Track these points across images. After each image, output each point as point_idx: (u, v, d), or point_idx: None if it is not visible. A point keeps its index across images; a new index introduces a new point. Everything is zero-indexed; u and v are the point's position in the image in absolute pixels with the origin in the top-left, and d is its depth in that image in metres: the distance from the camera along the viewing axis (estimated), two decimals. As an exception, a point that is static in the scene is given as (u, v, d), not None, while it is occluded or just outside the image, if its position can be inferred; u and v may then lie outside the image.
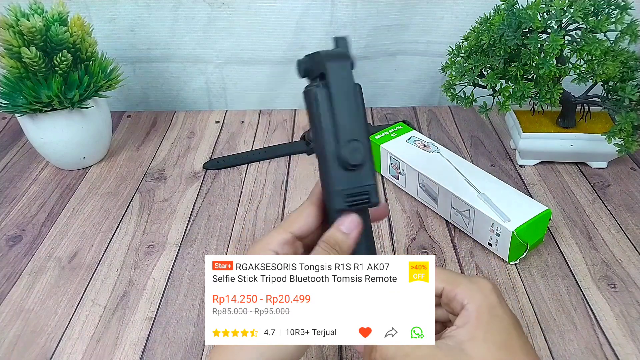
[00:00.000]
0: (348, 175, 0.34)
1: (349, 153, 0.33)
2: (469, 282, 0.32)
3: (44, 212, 0.62)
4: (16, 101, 0.61)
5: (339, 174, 0.34)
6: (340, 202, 0.34)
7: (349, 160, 0.33)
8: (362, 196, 0.34)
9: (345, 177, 0.34)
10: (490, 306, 0.31)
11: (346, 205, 0.34)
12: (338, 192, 0.34)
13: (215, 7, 0.74)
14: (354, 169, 0.34)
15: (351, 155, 0.33)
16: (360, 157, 0.33)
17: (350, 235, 0.34)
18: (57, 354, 0.45)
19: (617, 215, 0.60)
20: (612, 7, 0.56)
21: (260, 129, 0.78)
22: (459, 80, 0.62)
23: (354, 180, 0.34)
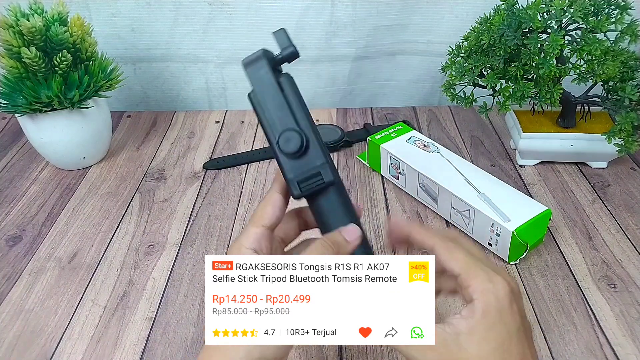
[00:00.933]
0: (296, 162, 0.35)
1: (284, 143, 0.35)
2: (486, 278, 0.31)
3: (44, 212, 0.62)
4: (16, 101, 0.61)
5: (288, 164, 0.35)
6: (295, 189, 0.35)
7: (285, 149, 0.35)
8: (315, 178, 0.35)
9: (294, 165, 0.35)
10: (499, 309, 0.30)
11: (302, 192, 0.35)
12: (291, 180, 0.35)
13: (215, 7, 0.74)
14: (297, 155, 0.35)
15: (286, 145, 0.35)
16: (294, 145, 0.34)
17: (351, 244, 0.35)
18: (57, 354, 0.45)
19: (617, 215, 0.60)
20: (612, 7, 0.56)
21: (260, 129, 0.78)
22: (459, 80, 0.62)
23: (303, 166, 0.35)
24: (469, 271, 0.32)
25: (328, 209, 0.36)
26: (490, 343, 0.30)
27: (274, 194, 0.36)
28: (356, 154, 0.72)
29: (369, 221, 0.59)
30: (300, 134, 0.35)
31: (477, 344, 0.30)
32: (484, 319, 0.30)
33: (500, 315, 0.30)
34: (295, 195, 0.35)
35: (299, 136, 0.34)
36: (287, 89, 0.36)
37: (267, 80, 0.36)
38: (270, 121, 0.35)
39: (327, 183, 0.35)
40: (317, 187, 0.35)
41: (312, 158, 0.35)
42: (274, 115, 0.35)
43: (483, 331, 0.30)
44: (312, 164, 0.35)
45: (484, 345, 0.30)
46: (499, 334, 0.30)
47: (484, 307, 0.30)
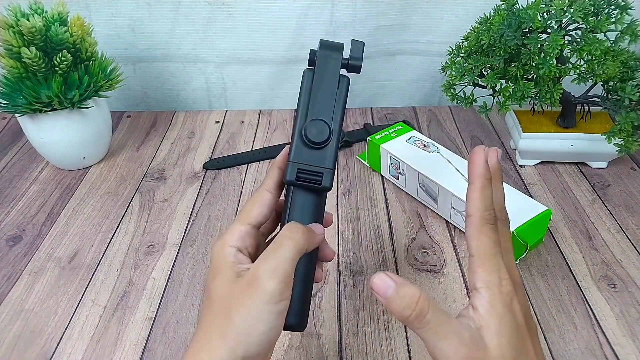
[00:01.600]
0: (308, 152, 0.35)
1: (310, 129, 0.35)
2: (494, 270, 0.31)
3: (44, 212, 0.62)
4: (16, 101, 0.61)
5: (300, 148, 0.35)
6: (292, 173, 0.35)
7: (309, 135, 0.35)
8: (315, 176, 0.35)
9: (305, 153, 0.35)
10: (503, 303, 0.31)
11: (295, 179, 0.35)
12: (293, 164, 0.35)
13: (215, 6, 0.74)
14: (315, 147, 0.35)
15: (311, 132, 0.35)
16: (319, 136, 0.35)
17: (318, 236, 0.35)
18: (57, 354, 0.45)
19: (617, 215, 0.60)
20: (612, 7, 0.56)
21: (260, 129, 0.78)
22: (459, 80, 0.62)
23: (312, 159, 0.35)
24: (483, 258, 0.32)
25: (304, 205, 0.36)
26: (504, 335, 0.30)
27: (263, 192, 0.36)
28: (356, 154, 0.72)
29: (368, 221, 0.59)
30: (330, 130, 0.35)
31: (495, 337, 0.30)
32: (493, 309, 0.30)
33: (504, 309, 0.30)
34: (287, 180, 0.35)
35: (327, 131, 0.35)
36: (342, 88, 0.36)
37: (333, 69, 0.36)
38: (311, 103, 0.36)
39: (321, 187, 0.35)
40: (311, 184, 0.35)
41: (323, 157, 0.35)
42: (318, 101, 0.36)
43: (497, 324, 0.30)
44: (320, 163, 0.35)
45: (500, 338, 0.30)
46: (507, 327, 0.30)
47: (489, 298, 0.30)
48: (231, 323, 0.31)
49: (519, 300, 0.31)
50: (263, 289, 0.30)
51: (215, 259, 0.34)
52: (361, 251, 0.55)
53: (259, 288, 0.31)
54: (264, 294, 0.30)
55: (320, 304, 0.49)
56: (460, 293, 0.50)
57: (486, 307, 0.30)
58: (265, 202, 0.36)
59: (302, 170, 0.35)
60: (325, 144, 0.35)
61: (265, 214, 0.36)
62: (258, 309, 0.30)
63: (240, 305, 0.31)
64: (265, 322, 0.30)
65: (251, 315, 0.30)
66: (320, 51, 0.37)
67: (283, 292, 0.31)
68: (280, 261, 0.31)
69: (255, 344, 0.30)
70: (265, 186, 0.36)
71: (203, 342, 0.31)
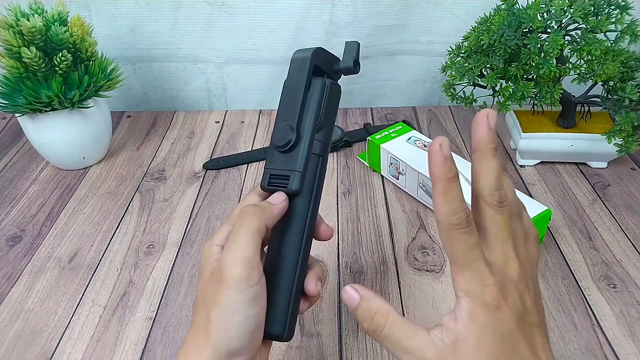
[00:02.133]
0: (280, 157, 0.35)
1: (275, 133, 0.35)
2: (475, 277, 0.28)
3: (44, 212, 0.62)
4: (16, 101, 0.61)
5: (272, 155, 0.35)
6: (264, 180, 0.35)
7: (274, 140, 0.35)
8: (283, 180, 0.35)
9: (277, 158, 0.35)
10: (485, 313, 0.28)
11: (267, 185, 0.35)
12: (266, 170, 0.36)
13: (215, 6, 0.74)
14: (282, 150, 0.35)
15: (276, 135, 0.35)
16: (280, 139, 0.34)
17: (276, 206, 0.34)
18: (57, 354, 0.45)
19: (617, 215, 0.60)
20: (612, 7, 0.56)
21: (260, 129, 0.78)
22: (459, 80, 0.62)
23: (282, 163, 0.35)
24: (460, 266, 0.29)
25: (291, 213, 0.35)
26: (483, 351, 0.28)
27: (253, 195, 0.36)
28: (356, 154, 0.72)
29: (368, 221, 0.59)
30: (293, 133, 0.34)
31: (472, 353, 0.27)
32: (472, 323, 0.28)
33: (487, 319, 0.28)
34: (262, 185, 0.36)
35: (290, 134, 0.34)
36: (315, 92, 0.36)
37: (299, 75, 0.36)
38: (279, 110, 0.36)
39: (291, 190, 0.35)
40: (280, 188, 0.35)
41: (294, 161, 0.35)
42: (284, 107, 0.36)
43: (475, 339, 0.28)
44: (290, 166, 0.35)
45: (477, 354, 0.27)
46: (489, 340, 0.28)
47: (469, 310, 0.28)
48: (209, 320, 0.31)
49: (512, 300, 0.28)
50: (228, 279, 0.31)
51: (202, 258, 0.34)
52: (361, 251, 0.55)
53: (225, 279, 0.31)
54: (230, 283, 0.30)
55: (320, 304, 0.49)
56: (460, 293, 0.50)
57: (465, 320, 0.28)
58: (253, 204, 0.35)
59: (273, 175, 0.35)
60: (291, 146, 0.35)
61: None
62: (228, 300, 0.30)
63: (213, 300, 0.31)
64: (238, 313, 0.30)
65: (224, 308, 0.30)
66: (291, 60, 0.37)
67: (250, 278, 0.31)
68: (239, 248, 0.31)
69: (234, 337, 0.30)
70: (255, 190, 0.37)
71: (192, 343, 0.32)
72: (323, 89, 0.36)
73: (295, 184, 0.34)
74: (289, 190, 0.34)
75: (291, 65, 0.37)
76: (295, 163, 0.35)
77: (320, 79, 0.36)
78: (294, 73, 0.36)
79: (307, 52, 0.37)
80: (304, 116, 0.35)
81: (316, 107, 0.35)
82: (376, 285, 0.51)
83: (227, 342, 0.30)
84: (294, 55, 0.37)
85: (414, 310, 0.49)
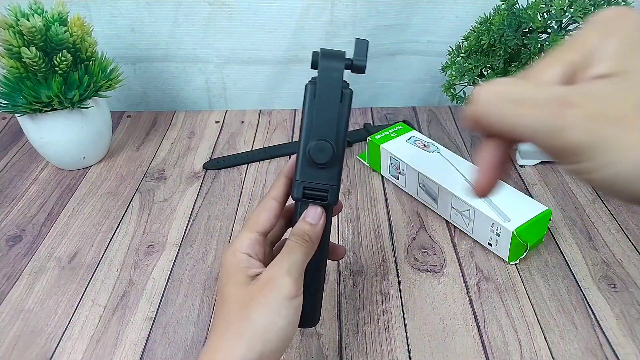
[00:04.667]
0: (312, 170, 0.36)
1: (314, 151, 0.35)
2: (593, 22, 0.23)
3: (44, 212, 0.62)
4: (16, 101, 0.61)
5: (305, 168, 0.36)
6: (299, 191, 0.36)
7: (313, 156, 0.35)
8: (321, 193, 0.36)
9: (310, 172, 0.36)
10: None
11: (302, 197, 0.36)
12: (299, 183, 0.36)
13: (215, 6, 0.74)
14: (320, 166, 0.35)
15: (315, 153, 0.35)
16: (323, 157, 0.35)
17: (317, 225, 0.36)
18: (57, 354, 0.45)
19: (617, 215, 0.60)
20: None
21: (260, 129, 0.78)
22: (459, 80, 0.62)
23: (317, 177, 0.36)
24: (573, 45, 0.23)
25: None
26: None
27: (270, 201, 0.37)
28: (356, 154, 0.72)
29: (368, 221, 0.59)
30: (334, 151, 0.35)
31: None
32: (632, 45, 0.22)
33: None
34: (295, 197, 0.36)
35: (331, 152, 0.35)
36: (345, 103, 0.36)
37: (335, 84, 0.36)
38: (315, 122, 0.35)
39: (327, 203, 0.36)
40: (318, 201, 0.36)
41: (328, 175, 0.36)
42: (321, 119, 0.35)
43: None
44: (325, 180, 0.36)
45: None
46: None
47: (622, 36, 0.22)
48: (249, 321, 0.32)
49: None
50: (280, 286, 0.32)
51: (227, 265, 0.35)
52: (361, 251, 0.55)
53: (276, 285, 0.32)
54: (282, 290, 0.32)
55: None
56: (460, 293, 0.50)
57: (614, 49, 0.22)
58: (272, 211, 0.37)
59: (309, 188, 0.36)
60: (330, 164, 0.36)
61: (272, 222, 0.37)
62: (277, 304, 0.32)
63: (258, 303, 0.32)
64: (283, 317, 0.32)
65: (271, 311, 0.32)
66: (322, 62, 0.36)
67: (298, 289, 0.33)
68: (293, 262, 0.34)
69: (273, 340, 0.32)
70: (271, 194, 0.37)
71: (219, 343, 0.32)
72: (350, 100, 0.36)
73: (333, 198, 0.36)
74: (327, 203, 0.36)
75: (323, 69, 0.36)
76: (332, 178, 0.36)
77: (347, 90, 0.36)
78: (328, 84, 0.36)
79: (340, 61, 0.36)
80: (339, 131, 0.36)
81: (346, 122, 0.36)
82: (376, 285, 0.51)
83: (264, 344, 0.31)
84: (326, 57, 0.36)
85: (414, 311, 0.49)
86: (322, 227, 0.36)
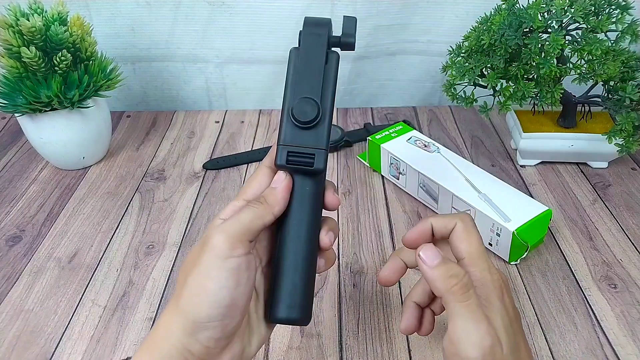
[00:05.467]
0: (299, 133, 0.33)
1: (298, 109, 0.33)
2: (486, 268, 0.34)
3: (44, 212, 0.62)
4: (16, 101, 0.61)
5: (290, 130, 0.33)
6: (282, 157, 0.33)
7: (296, 114, 0.33)
8: (305, 158, 0.33)
9: (295, 134, 0.33)
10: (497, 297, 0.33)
11: (286, 163, 0.33)
12: (282, 147, 0.33)
13: (215, 6, 0.74)
14: (304, 126, 0.33)
15: (298, 111, 0.33)
16: (307, 114, 0.33)
17: (277, 188, 0.33)
18: (57, 354, 0.45)
19: (617, 216, 0.60)
20: (612, 7, 0.56)
21: (260, 129, 0.78)
22: (459, 80, 0.62)
23: (303, 140, 0.33)
24: (475, 258, 0.34)
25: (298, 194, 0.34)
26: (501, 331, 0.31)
27: (262, 168, 0.36)
28: (356, 153, 0.72)
29: (369, 221, 0.59)
30: (318, 108, 0.33)
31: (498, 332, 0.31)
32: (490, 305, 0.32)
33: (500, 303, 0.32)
34: (278, 163, 0.34)
35: (316, 109, 0.33)
36: (332, 65, 0.35)
37: (318, 45, 0.34)
38: (297, 81, 0.34)
39: (314, 170, 0.33)
40: (303, 167, 0.33)
41: (314, 138, 0.33)
42: (305, 79, 0.34)
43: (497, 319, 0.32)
44: (311, 144, 0.33)
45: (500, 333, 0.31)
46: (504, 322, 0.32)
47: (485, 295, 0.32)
48: (184, 285, 0.30)
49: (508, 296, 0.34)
50: (211, 244, 0.30)
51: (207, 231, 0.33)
52: (361, 251, 0.55)
53: (208, 244, 0.30)
54: (212, 248, 0.30)
55: (320, 304, 0.49)
56: (460, 293, 0.50)
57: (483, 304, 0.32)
58: (262, 179, 0.35)
59: (293, 153, 0.33)
60: (315, 122, 0.33)
61: (263, 189, 0.35)
62: (206, 264, 0.30)
63: (193, 264, 0.30)
64: (213, 279, 0.30)
65: (201, 272, 0.30)
66: (305, 28, 0.35)
67: (233, 249, 0.30)
68: (234, 220, 0.31)
69: (204, 305, 0.29)
70: (264, 162, 0.36)
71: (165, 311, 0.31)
72: (337, 63, 0.35)
73: (320, 162, 0.33)
74: (314, 169, 0.33)
75: (306, 33, 0.35)
76: (318, 141, 0.33)
77: (334, 52, 0.35)
78: (311, 44, 0.34)
79: (324, 26, 0.35)
80: (325, 90, 0.34)
81: (333, 82, 0.34)
82: (376, 285, 0.51)
83: (196, 311, 0.29)
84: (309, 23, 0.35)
85: (414, 311, 0.48)
86: (283, 190, 0.33)
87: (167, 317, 0.31)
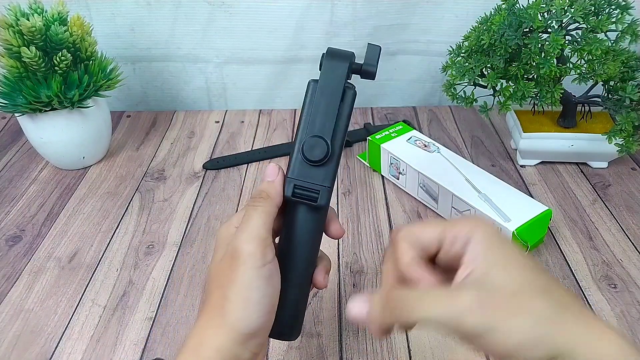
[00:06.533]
0: (307, 168, 0.35)
1: (309, 147, 0.34)
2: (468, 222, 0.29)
3: (44, 212, 0.62)
4: (16, 101, 0.61)
5: (299, 165, 0.35)
6: (289, 189, 0.34)
7: (306, 152, 0.34)
8: (311, 193, 0.34)
9: (303, 169, 0.35)
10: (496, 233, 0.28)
11: (291, 196, 0.34)
12: (290, 180, 0.35)
13: (215, 6, 0.74)
14: (313, 164, 0.34)
15: (309, 149, 0.34)
16: (316, 154, 0.34)
17: (275, 181, 0.35)
18: (57, 354, 0.45)
19: (617, 215, 0.60)
20: (612, 7, 0.56)
21: (260, 129, 0.78)
22: (459, 80, 0.62)
23: (309, 176, 0.34)
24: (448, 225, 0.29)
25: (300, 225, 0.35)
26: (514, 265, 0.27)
27: None
28: (356, 153, 0.72)
29: (369, 221, 0.59)
30: (328, 148, 0.34)
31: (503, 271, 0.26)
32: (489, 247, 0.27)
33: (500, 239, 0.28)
34: (285, 195, 0.35)
35: (325, 150, 0.34)
36: (347, 102, 0.35)
37: (337, 81, 0.35)
38: (311, 118, 0.35)
39: (317, 205, 0.35)
40: (307, 202, 0.35)
41: (321, 175, 0.34)
42: (319, 116, 0.35)
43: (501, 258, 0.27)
44: (317, 180, 0.34)
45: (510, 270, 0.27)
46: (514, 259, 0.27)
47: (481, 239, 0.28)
48: (227, 299, 0.31)
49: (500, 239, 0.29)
50: (244, 255, 0.31)
51: (218, 239, 0.34)
52: (361, 251, 0.55)
53: (240, 256, 0.31)
54: (246, 260, 0.31)
55: (320, 304, 0.49)
56: (460, 293, 0.50)
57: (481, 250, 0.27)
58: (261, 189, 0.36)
59: (299, 187, 0.34)
60: (323, 162, 0.34)
61: None
62: (245, 277, 0.30)
63: (230, 279, 0.31)
64: (255, 290, 0.31)
65: (242, 285, 0.30)
66: (326, 61, 0.35)
67: (264, 255, 0.31)
68: (252, 228, 0.32)
69: (253, 316, 0.30)
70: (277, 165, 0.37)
71: (206, 324, 0.31)
72: (353, 101, 0.36)
73: (324, 199, 0.34)
74: (317, 205, 0.34)
75: (326, 67, 0.35)
76: (325, 178, 0.34)
77: (351, 89, 0.36)
78: (330, 80, 0.35)
79: (344, 60, 0.35)
80: (337, 130, 0.35)
81: (346, 121, 0.35)
82: (376, 285, 0.51)
83: (245, 322, 0.30)
84: (330, 56, 0.35)
85: (414, 311, 0.48)
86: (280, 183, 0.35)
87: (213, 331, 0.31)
